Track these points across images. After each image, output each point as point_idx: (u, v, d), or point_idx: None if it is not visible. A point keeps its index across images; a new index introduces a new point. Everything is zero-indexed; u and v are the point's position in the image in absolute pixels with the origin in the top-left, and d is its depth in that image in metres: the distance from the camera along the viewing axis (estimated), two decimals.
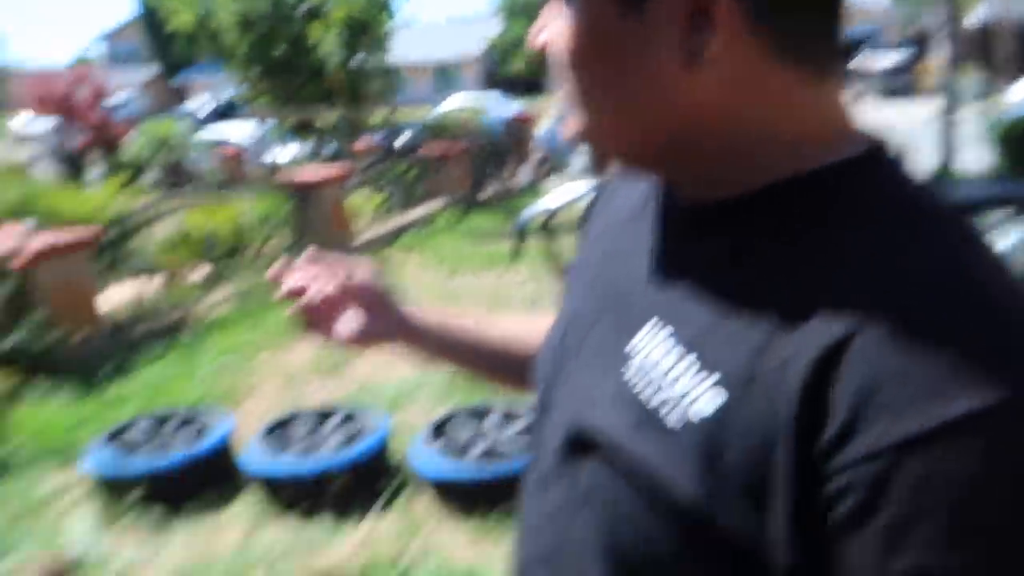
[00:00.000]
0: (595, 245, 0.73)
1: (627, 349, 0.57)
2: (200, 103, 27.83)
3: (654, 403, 0.53)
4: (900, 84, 21.43)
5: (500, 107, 18.79)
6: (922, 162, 8.82)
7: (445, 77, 35.32)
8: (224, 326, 5.42)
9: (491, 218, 9.04)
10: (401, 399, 4.06)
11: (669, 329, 0.55)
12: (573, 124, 0.59)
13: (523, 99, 23.74)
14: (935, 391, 0.42)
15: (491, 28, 36.06)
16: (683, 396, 0.51)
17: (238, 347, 4.98)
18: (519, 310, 5.42)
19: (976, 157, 9.86)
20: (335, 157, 11.81)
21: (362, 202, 8.36)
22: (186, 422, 3.51)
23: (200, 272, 6.17)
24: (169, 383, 4.47)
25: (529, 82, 33.07)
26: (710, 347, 0.51)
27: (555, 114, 19.50)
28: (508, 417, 3.22)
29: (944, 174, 9.32)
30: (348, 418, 3.40)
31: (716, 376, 0.50)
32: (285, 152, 12.73)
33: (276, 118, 12.31)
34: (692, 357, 0.52)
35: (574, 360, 0.64)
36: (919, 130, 10.78)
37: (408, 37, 12.42)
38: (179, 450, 3.25)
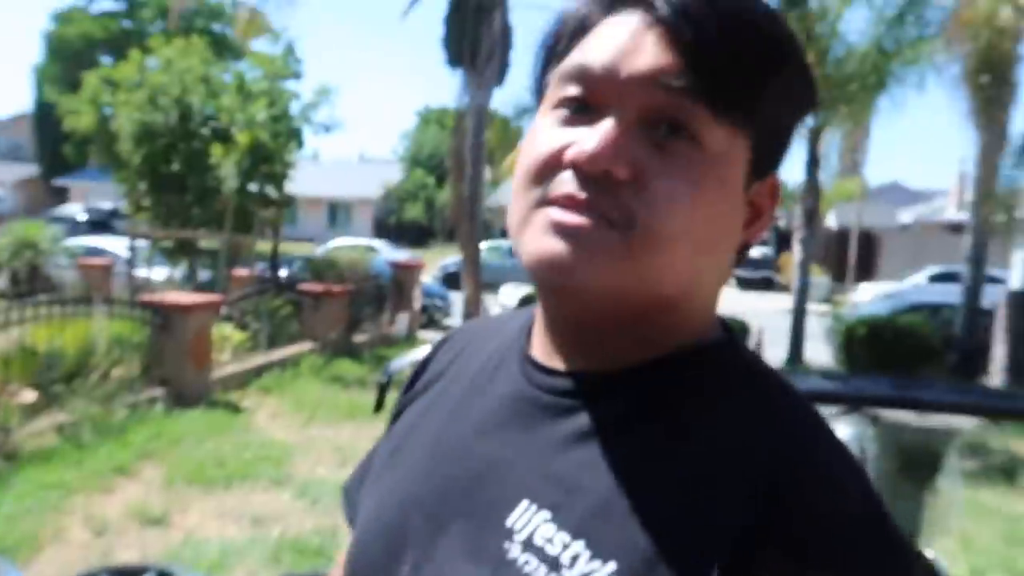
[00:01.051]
0: (432, 411, 0.70)
1: (508, 525, 0.56)
2: (79, 209, 26.81)
3: None
4: (760, 277, 23.23)
5: (389, 251, 19.07)
6: (775, 351, 9.44)
7: (338, 215, 35.64)
8: (43, 460, 4.93)
9: (360, 365, 8.89)
10: (226, 560, 3.76)
11: (545, 513, 0.54)
12: (589, 259, 0.55)
13: (413, 248, 24.22)
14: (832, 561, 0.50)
15: (391, 173, 37.10)
16: None
17: (52, 487, 4.52)
18: None
19: (822, 350, 10.65)
20: (211, 283, 11.48)
21: (228, 334, 8.07)
22: None
23: (31, 394, 5.67)
24: None
25: (422, 230, 33.85)
26: (598, 534, 0.52)
27: (442, 265, 19.97)
28: None
29: (792, 364, 9.99)
30: None
31: (612, 566, 0.50)
32: (159, 271, 12.28)
33: (158, 235, 11.94)
34: (581, 544, 0.52)
35: (430, 542, 0.59)
36: (774, 319, 11.61)
37: (308, 170, 12.51)
38: None
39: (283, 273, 11.80)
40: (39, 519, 4.12)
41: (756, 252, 24.51)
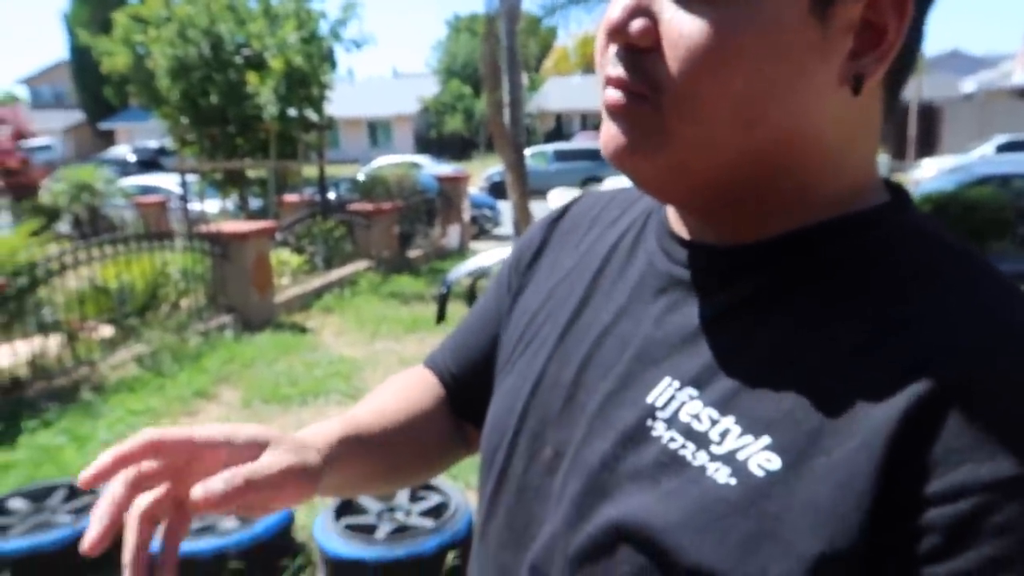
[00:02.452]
0: (560, 290, 0.67)
1: (650, 402, 0.54)
2: (127, 150, 27.23)
3: (699, 461, 0.49)
4: None
5: (433, 166, 18.97)
6: None
7: (378, 134, 35.48)
8: (128, 389, 5.18)
9: (417, 280, 8.98)
10: None
11: (691, 390, 0.52)
12: (637, 139, 0.51)
13: (455, 162, 24.01)
14: (1015, 440, 0.42)
15: (427, 87, 36.56)
16: (734, 453, 0.48)
17: (141, 413, 4.75)
18: None
19: None
20: (263, 210, 11.63)
21: (286, 259, 8.22)
22: (72, 495, 3.29)
23: (108, 329, 5.91)
24: (60, 451, 4.21)
25: (464, 142, 33.53)
26: (749, 409, 0.49)
27: (487, 175, 19.80)
28: (415, 496, 3.13)
29: None
30: None
31: (766, 440, 0.47)
32: (212, 203, 12.48)
33: (205, 168, 12.08)
34: (731, 419, 0.49)
35: (570, 423, 0.58)
36: None
37: (344, 91, 12.37)
38: (61, 527, 3.04)
39: (332, 195, 11.86)
40: None
41: None
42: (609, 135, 0.53)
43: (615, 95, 0.52)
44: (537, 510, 0.58)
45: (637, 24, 0.50)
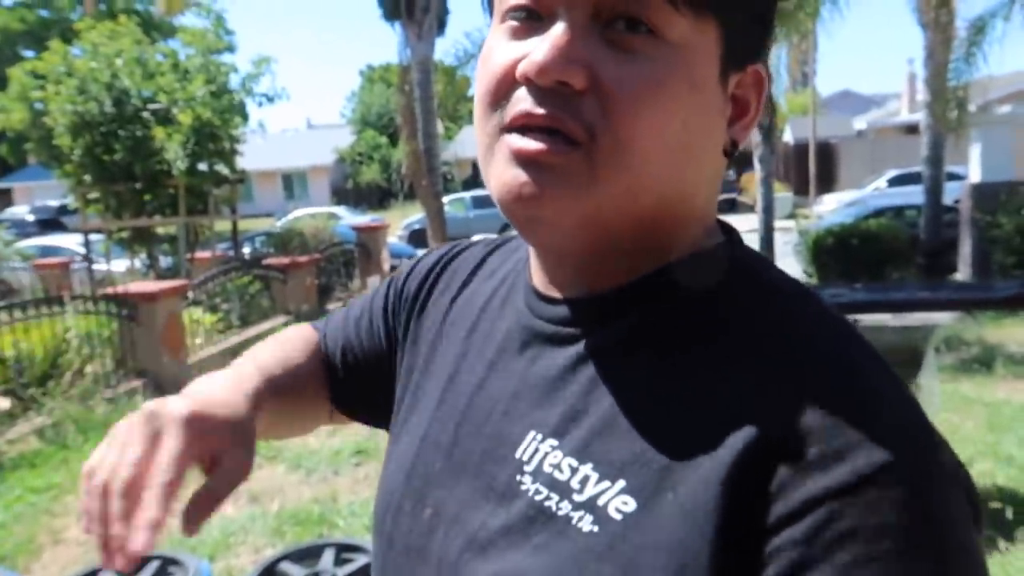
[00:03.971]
0: (445, 342, 0.68)
1: (518, 457, 0.55)
2: (25, 210, 26.05)
3: (563, 511, 0.50)
4: (723, 199, 23.36)
5: (351, 216, 18.82)
6: None
7: (294, 185, 35.05)
8: (28, 464, 4.84)
9: None
10: (228, 541, 3.73)
11: (552, 441, 0.53)
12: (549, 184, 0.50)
13: (373, 211, 23.90)
14: (848, 452, 0.44)
15: (342, 138, 36.44)
16: (595, 500, 0.49)
17: (42, 490, 4.44)
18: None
19: (792, 265, 10.78)
20: (173, 268, 11.25)
21: (199, 318, 7.93)
22: None
23: (4, 401, 5.54)
24: None
25: (382, 191, 33.44)
26: (604, 454, 0.50)
27: (406, 224, 19.78)
28: (342, 556, 3.00)
29: None
30: (164, 568, 3.05)
31: (621, 483, 0.49)
32: (120, 263, 12.00)
33: (111, 226, 11.62)
34: (588, 467, 0.50)
35: (449, 483, 0.59)
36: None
37: (256, 144, 12.18)
38: None
39: (246, 250, 11.59)
40: (34, 523, 4.05)
41: None
42: (519, 181, 0.51)
43: (535, 144, 0.50)
44: (421, 571, 0.58)
45: (574, 65, 0.49)
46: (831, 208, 15.75)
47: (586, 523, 0.49)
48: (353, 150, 34.88)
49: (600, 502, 0.49)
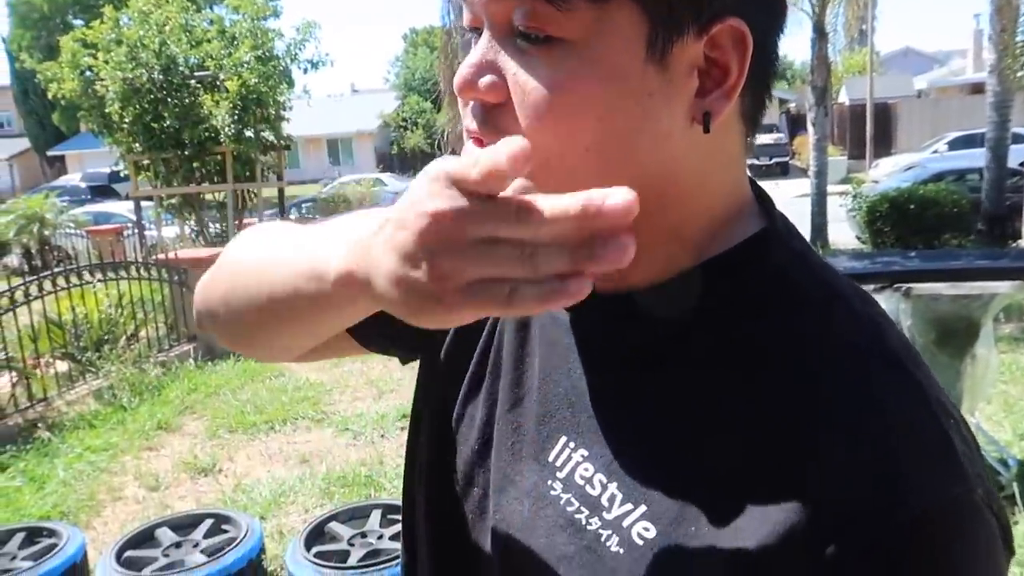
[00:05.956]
0: (504, 332, 0.65)
1: (551, 461, 0.55)
2: (78, 177, 26.68)
3: (593, 527, 0.50)
4: (776, 162, 22.82)
5: (396, 183, 18.87)
6: None
7: (339, 151, 35.24)
8: (86, 425, 5.00)
9: None
10: (278, 501, 3.82)
11: (583, 451, 0.53)
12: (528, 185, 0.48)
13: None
14: (911, 489, 0.42)
15: (386, 103, 36.42)
16: (620, 521, 0.49)
17: (100, 449, 4.59)
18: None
19: (846, 231, 10.50)
20: (222, 235, 11.43)
21: None
22: (28, 541, 3.14)
23: (63, 364, 5.72)
24: (17, 493, 4.04)
25: (427, 157, 33.46)
26: (629, 475, 0.50)
27: None
28: (388, 517, 3.05)
29: (817, 247, 9.87)
30: (218, 525, 3.14)
31: (643, 508, 0.48)
32: (169, 229, 12.24)
33: (161, 194, 11.83)
34: (614, 486, 0.50)
35: (497, 475, 0.59)
36: (795, 205, 11.43)
37: (302, 110, 12.28)
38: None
39: (293, 216, 11.71)
40: (93, 482, 4.20)
41: (770, 138, 24.02)
42: None
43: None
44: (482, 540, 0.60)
45: (485, 80, 0.49)
46: (887, 172, 15.27)
47: (613, 543, 0.49)
48: (398, 115, 34.86)
49: (625, 524, 0.49)
